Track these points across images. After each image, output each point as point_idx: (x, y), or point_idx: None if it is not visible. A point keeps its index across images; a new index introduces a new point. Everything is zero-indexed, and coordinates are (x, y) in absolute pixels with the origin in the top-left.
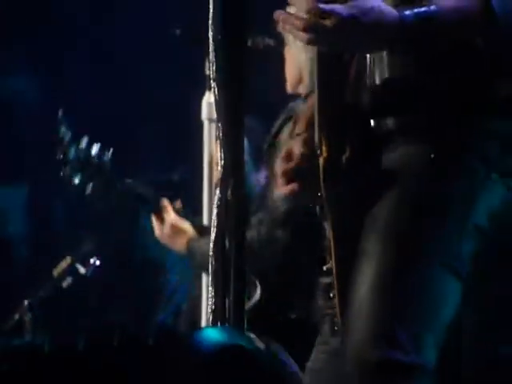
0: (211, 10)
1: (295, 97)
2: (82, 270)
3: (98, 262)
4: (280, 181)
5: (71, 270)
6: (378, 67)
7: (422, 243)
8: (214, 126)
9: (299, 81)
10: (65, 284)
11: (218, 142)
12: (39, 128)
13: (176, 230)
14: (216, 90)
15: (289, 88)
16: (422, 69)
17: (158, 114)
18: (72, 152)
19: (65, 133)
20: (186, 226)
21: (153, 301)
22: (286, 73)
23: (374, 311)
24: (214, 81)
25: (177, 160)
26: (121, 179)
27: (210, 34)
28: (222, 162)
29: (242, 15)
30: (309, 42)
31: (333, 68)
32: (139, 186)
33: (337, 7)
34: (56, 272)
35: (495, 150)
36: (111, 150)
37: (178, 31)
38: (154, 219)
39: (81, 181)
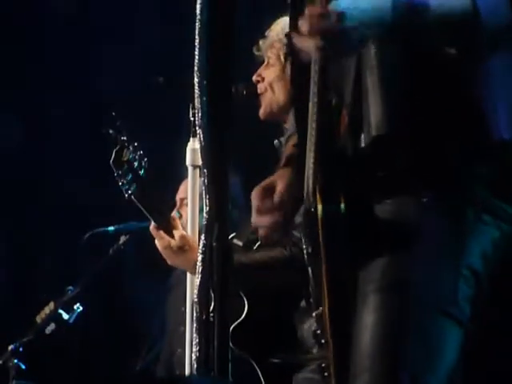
0: (197, 57)
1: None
2: (65, 315)
3: (80, 309)
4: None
5: (54, 316)
6: (365, 120)
7: (419, 291)
8: (198, 172)
9: (274, 113)
10: (48, 330)
11: (204, 188)
12: (22, 173)
13: (185, 245)
14: (201, 136)
15: (263, 115)
16: (407, 119)
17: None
18: (127, 154)
19: (120, 133)
20: (195, 241)
21: (136, 348)
22: (264, 99)
23: (378, 363)
24: (199, 127)
25: (163, 204)
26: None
27: (196, 80)
28: (207, 208)
29: (227, 62)
30: (318, 48)
31: (331, 118)
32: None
33: (336, 2)
34: (39, 318)
35: (484, 194)
36: (146, 159)
37: (160, 79)
38: (157, 233)
39: (128, 182)
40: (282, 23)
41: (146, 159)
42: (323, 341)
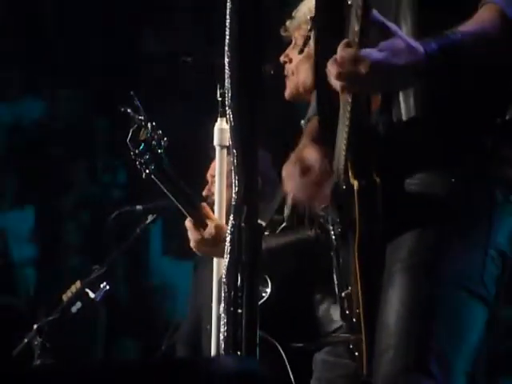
0: (227, 37)
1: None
2: (91, 294)
3: (107, 287)
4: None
5: (81, 295)
6: (397, 97)
7: (446, 270)
8: (225, 152)
9: (300, 94)
10: (74, 309)
11: (232, 168)
12: (51, 149)
13: (221, 233)
14: (231, 116)
15: (288, 96)
16: (441, 97)
17: (170, 140)
18: (145, 133)
19: (138, 112)
20: None
21: (162, 327)
22: (289, 81)
23: (404, 341)
24: (228, 107)
25: (187, 186)
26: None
27: (226, 60)
28: (236, 188)
29: (257, 42)
30: (343, 90)
31: (363, 100)
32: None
33: (369, 51)
34: (65, 296)
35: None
36: (165, 138)
37: (189, 59)
38: (190, 224)
39: (146, 161)
40: (310, 3)
41: (165, 139)
42: (354, 319)
